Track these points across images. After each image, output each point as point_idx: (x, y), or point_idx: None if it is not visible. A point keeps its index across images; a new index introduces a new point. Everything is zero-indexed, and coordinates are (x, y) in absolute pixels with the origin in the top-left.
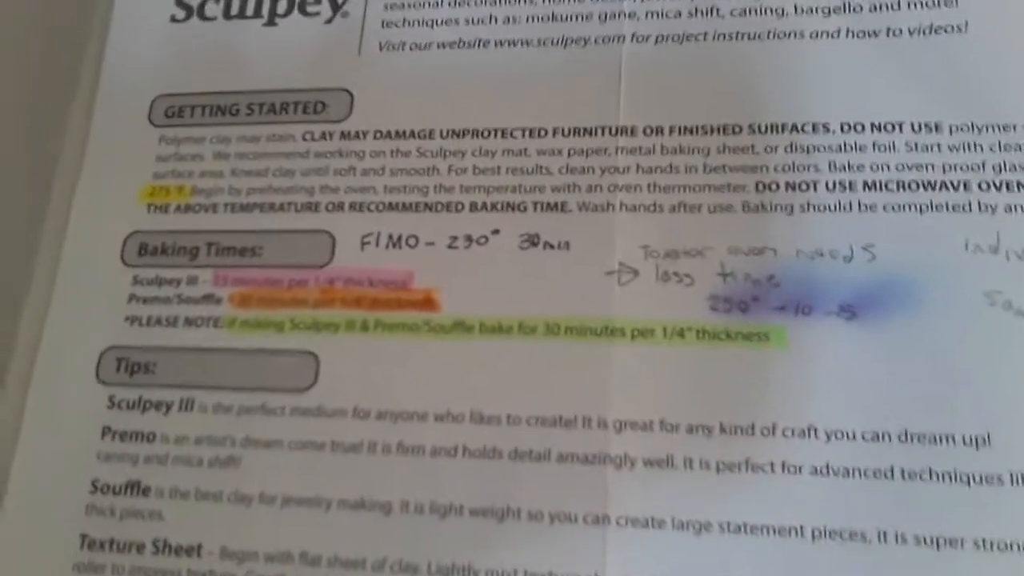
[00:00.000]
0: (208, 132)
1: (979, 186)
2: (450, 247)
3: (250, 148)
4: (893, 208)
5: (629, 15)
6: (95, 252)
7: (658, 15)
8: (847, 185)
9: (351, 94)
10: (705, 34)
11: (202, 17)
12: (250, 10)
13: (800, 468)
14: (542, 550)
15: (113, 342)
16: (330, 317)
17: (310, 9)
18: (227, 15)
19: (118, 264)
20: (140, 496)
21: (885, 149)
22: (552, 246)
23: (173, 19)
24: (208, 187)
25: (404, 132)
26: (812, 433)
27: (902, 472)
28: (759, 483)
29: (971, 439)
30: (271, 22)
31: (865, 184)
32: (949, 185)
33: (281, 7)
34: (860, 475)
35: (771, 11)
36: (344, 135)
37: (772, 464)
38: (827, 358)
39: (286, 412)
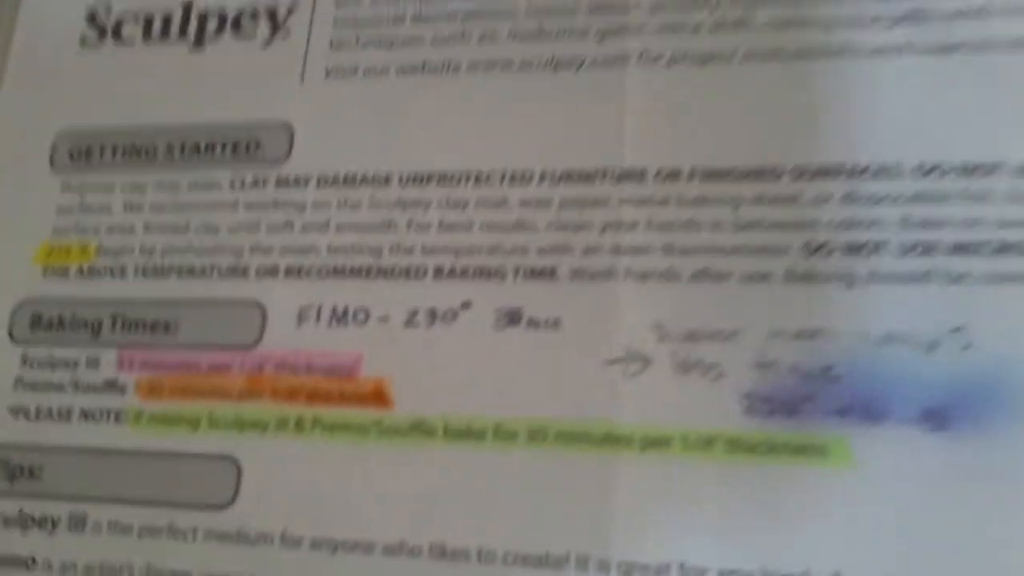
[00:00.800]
0: (119, 178)
1: None
2: (408, 324)
3: (168, 198)
4: (992, 279)
5: (635, 29)
6: None
7: (672, 29)
8: (927, 247)
9: (291, 129)
10: (732, 53)
11: (118, 40)
12: (174, 32)
13: None
14: None
15: None
16: (257, 413)
17: (245, 30)
18: (146, 38)
19: (4, 341)
20: None
21: (978, 199)
22: (538, 325)
23: (83, 42)
24: (116, 246)
25: (354, 177)
26: None
27: None
28: None
29: None
30: (198, 46)
31: (952, 246)
32: None
33: (210, 28)
34: None
35: (816, 23)
36: (281, 181)
37: None
38: (906, 481)
39: (198, 536)
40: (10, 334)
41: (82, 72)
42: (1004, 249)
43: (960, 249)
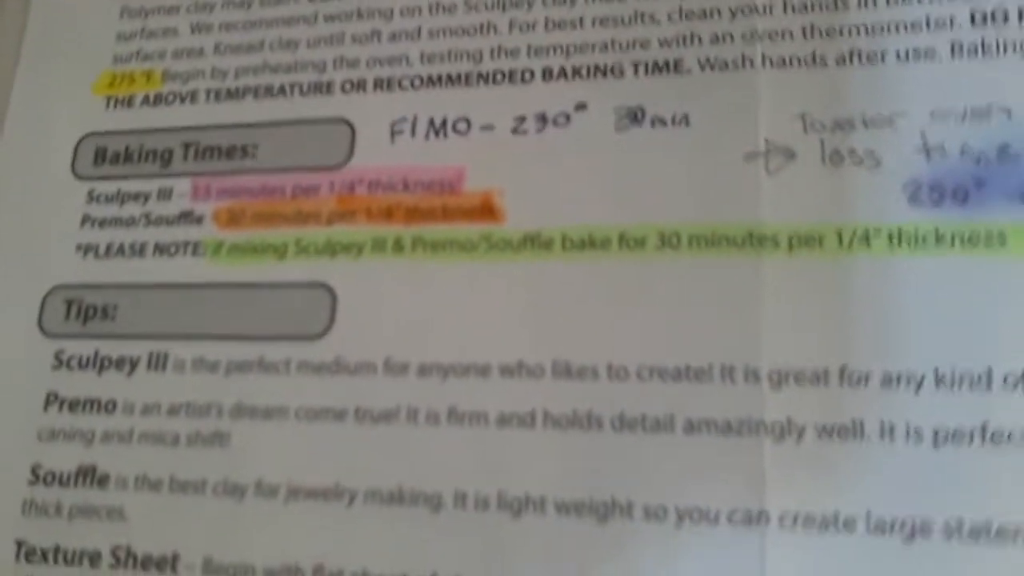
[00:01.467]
0: None
1: None
2: (516, 132)
3: (239, 16)
4: None
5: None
6: (37, 163)
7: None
8: None
9: None
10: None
11: None
12: None
13: None
14: (667, 565)
15: (61, 280)
16: (350, 236)
17: None
18: None
19: (68, 176)
20: (96, 487)
21: None
22: (664, 122)
23: None
24: (184, 70)
25: None
26: None
27: None
28: (998, 458)
29: None
30: None
31: None
32: None
33: None
34: None
35: None
36: None
37: (1009, 431)
38: None
39: (292, 368)
40: (73, 170)
41: None
42: None
43: None
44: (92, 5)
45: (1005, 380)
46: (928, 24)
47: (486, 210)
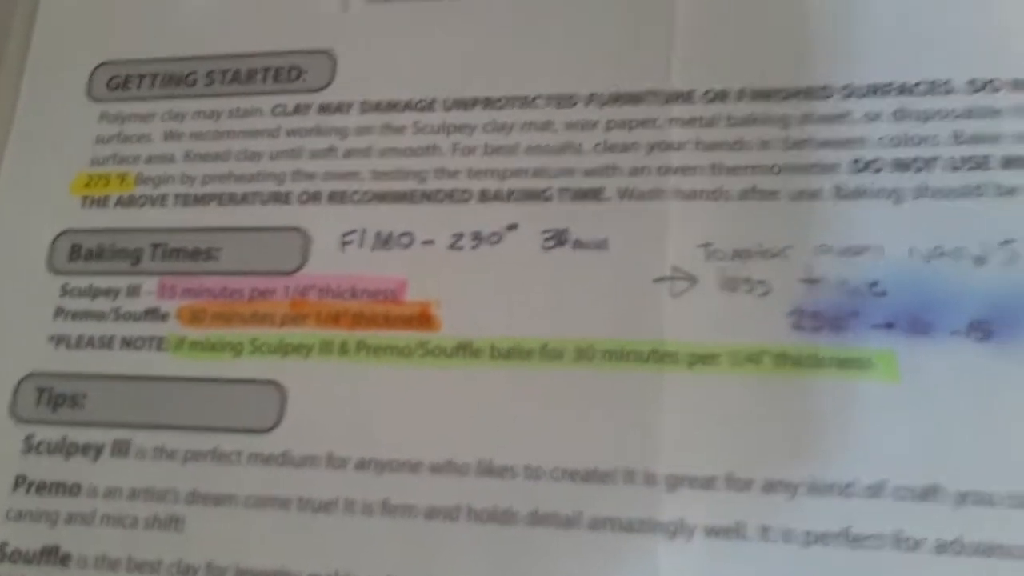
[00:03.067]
0: (158, 107)
1: None
2: (453, 247)
3: (208, 126)
4: None
5: None
6: (15, 256)
7: None
8: (978, 162)
9: (333, 56)
10: None
11: None
12: None
13: (921, 543)
14: None
15: (33, 368)
16: (301, 338)
17: None
18: None
19: (43, 271)
20: (58, 566)
21: None
22: (585, 245)
23: None
24: (156, 175)
25: (398, 103)
26: (935, 496)
27: None
28: (866, 560)
29: None
30: None
31: (1003, 160)
32: None
33: None
34: (1006, 554)
35: None
36: (323, 108)
37: (880, 536)
38: (953, 393)
39: (243, 459)
40: (49, 265)
41: (121, 1)
42: None
43: (1011, 163)
44: (75, 108)
45: (867, 489)
46: (816, 168)
47: (423, 319)
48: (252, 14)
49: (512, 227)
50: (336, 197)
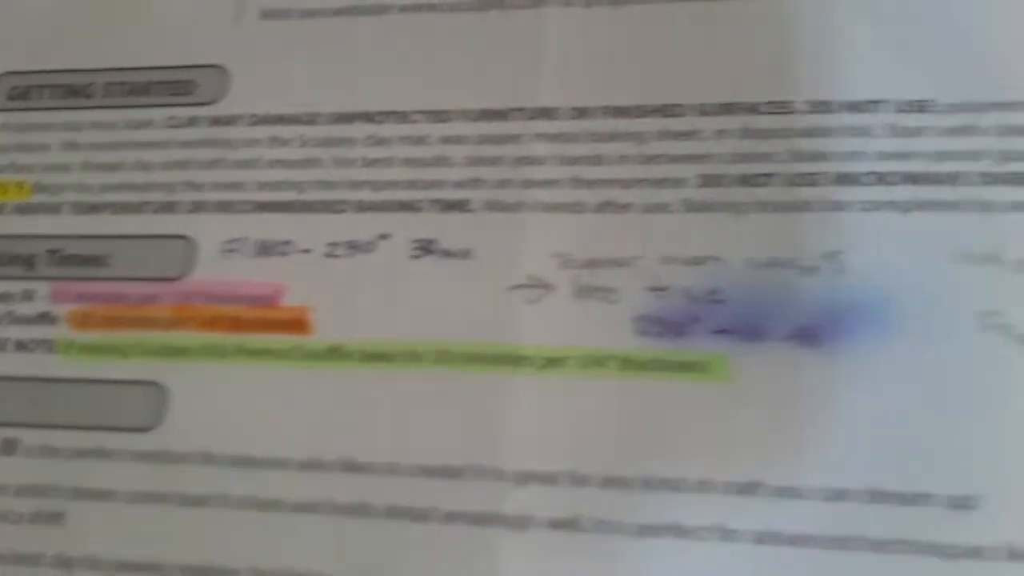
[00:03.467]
0: (57, 118)
1: (976, 179)
2: (329, 256)
3: (105, 137)
4: (867, 207)
5: None
6: None
7: None
8: (812, 178)
9: (226, 71)
10: None
11: None
12: None
13: (739, 534)
14: None
15: None
16: (183, 341)
17: None
18: None
19: None
20: None
21: (862, 133)
22: (450, 254)
23: None
24: (53, 183)
25: (285, 117)
26: (756, 491)
27: (868, 542)
28: (686, 551)
29: (953, 501)
30: None
31: (835, 177)
32: (939, 178)
33: None
34: (815, 544)
35: None
36: (215, 121)
37: (705, 528)
38: (778, 394)
39: (125, 457)
40: None
41: (21, 15)
42: (881, 180)
43: (842, 180)
44: None
45: (696, 484)
46: (667, 182)
47: (298, 324)
48: (150, 28)
49: (384, 236)
50: (222, 207)
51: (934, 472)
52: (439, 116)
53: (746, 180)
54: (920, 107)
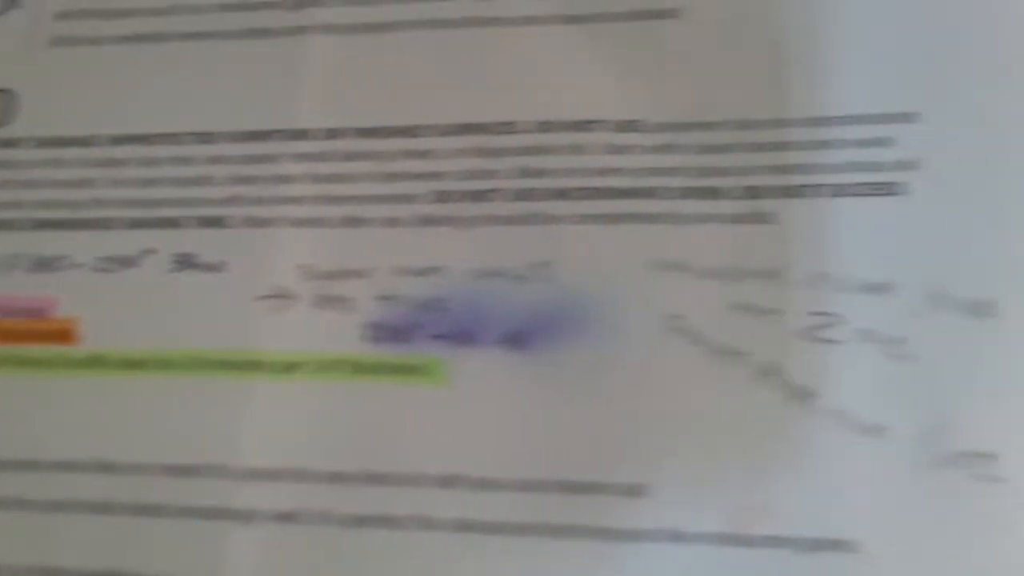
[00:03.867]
0: None
1: (674, 193)
2: (98, 270)
3: None
4: (577, 220)
5: (319, 2)
6: None
7: (353, 2)
8: (531, 193)
9: (15, 95)
10: (403, 22)
11: None
12: None
13: (440, 523)
14: None
15: None
16: None
17: None
18: None
19: None
20: None
21: (577, 151)
22: (209, 268)
23: None
24: None
25: (66, 139)
26: (458, 483)
27: (549, 528)
28: (394, 539)
29: (626, 489)
30: None
31: (551, 192)
32: (641, 192)
33: None
34: (505, 531)
35: None
36: (4, 143)
37: (410, 518)
38: (487, 395)
39: None
40: None
41: None
42: (592, 194)
43: (557, 195)
44: None
45: (406, 477)
46: (404, 199)
47: (63, 334)
48: None
49: (150, 252)
50: (5, 224)
51: (612, 462)
52: (205, 137)
53: (474, 196)
54: (633, 127)
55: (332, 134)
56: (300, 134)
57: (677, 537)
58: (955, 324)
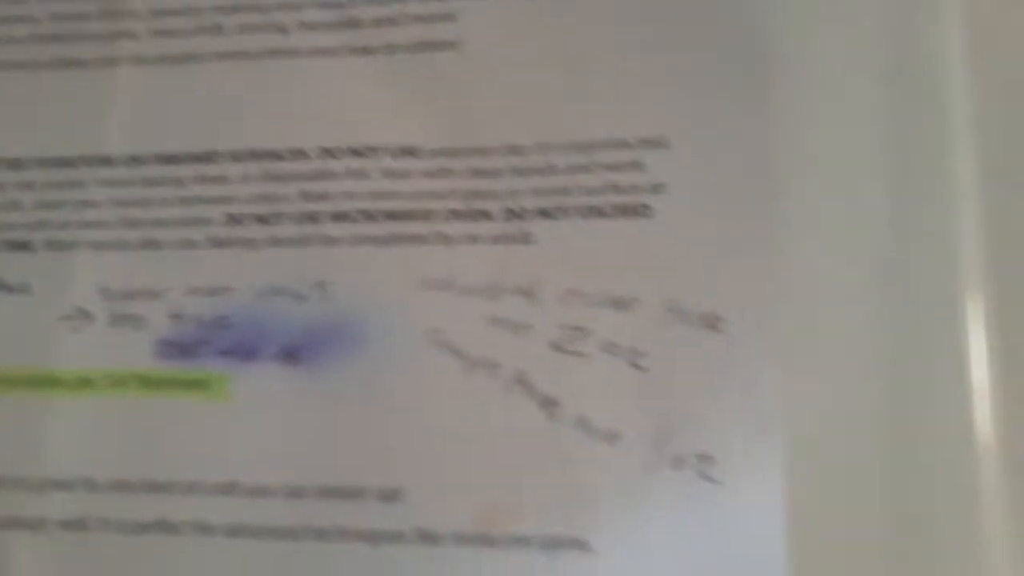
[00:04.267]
0: None
1: (444, 216)
2: None
3: None
4: (355, 241)
5: (131, 35)
6: None
7: (161, 34)
8: (314, 216)
9: None
10: (205, 54)
11: None
12: None
13: (215, 528)
14: None
15: None
16: None
17: None
18: None
19: None
20: None
21: (358, 176)
22: (11, 290)
23: None
24: None
25: None
26: (233, 490)
27: (314, 531)
28: (172, 545)
29: (383, 493)
30: None
31: (332, 215)
32: (414, 215)
33: None
34: (274, 535)
35: (275, 28)
36: None
37: (187, 524)
38: (264, 407)
39: None
40: None
41: None
42: (368, 217)
43: (338, 217)
44: None
45: (187, 486)
46: (198, 221)
47: None
48: None
49: None
50: None
51: (373, 468)
52: (15, 164)
53: (261, 219)
54: (409, 152)
55: (135, 160)
56: (106, 160)
57: (430, 538)
58: (687, 336)
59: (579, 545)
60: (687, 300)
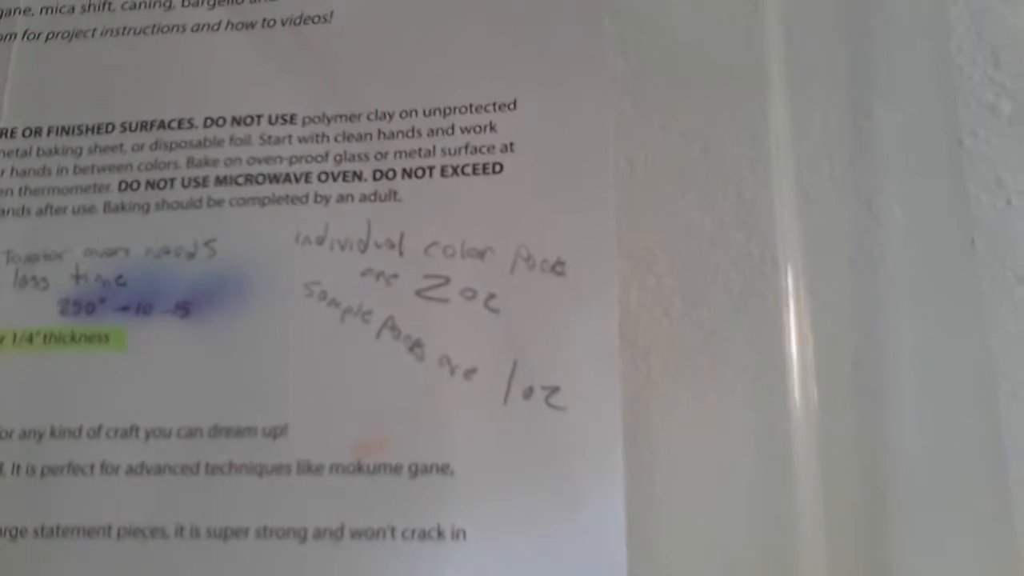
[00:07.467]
0: None
1: (319, 177)
2: None
3: None
4: (238, 202)
5: (23, 11)
6: None
7: (52, 11)
8: (201, 181)
9: None
10: (95, 30)
11: None
12: None
13: (118, 468)
14: None
15: None
16: None
17: None
18: None
19: None
20: None
21: (241, 143)
22: None
23: None
24: None
25: None
26: (134, 433)
27: (207, 467)
28: (78, 485)
29: (270, 431)
30: None
31: (217, 179)
32: (292, 177)
33: None
34: (171, 472)
35: (160, 4)
36: None
37: (92, 465)
38: (160, 357)
39: None
40: None
41: None
42: (250, 180)
43: (221, 181)
44: None
45: (92, 430)
46: (94, 188)
47: None
48: None
49: None
50: None
51: (260, 409)
52: None
53: (153, 184)
54: (287, 119)
55: (32, 132)
56: (3, 132)
57: (311, 469)
58: (536, 281)
59: (441, 469)
60: (535, 248)
